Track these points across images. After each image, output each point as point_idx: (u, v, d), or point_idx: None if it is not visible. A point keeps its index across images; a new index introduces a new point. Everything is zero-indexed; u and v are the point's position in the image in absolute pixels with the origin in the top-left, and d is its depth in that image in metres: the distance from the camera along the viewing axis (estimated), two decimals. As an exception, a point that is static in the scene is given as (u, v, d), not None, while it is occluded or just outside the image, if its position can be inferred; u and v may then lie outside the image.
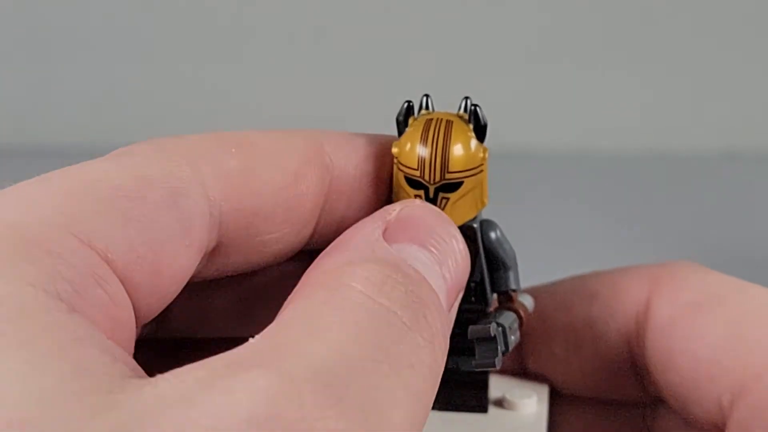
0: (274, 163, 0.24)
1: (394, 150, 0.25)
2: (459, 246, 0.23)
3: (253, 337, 0.19)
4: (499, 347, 0.24)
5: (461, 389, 0.25)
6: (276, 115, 0.95)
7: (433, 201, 0.24)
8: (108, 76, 0.96)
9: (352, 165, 0.26)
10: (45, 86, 0.96)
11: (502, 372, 0.27)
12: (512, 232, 0.80)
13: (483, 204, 0.25)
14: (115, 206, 0.20)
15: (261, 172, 0.23)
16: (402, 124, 0.26)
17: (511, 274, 0.26)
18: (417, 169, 0.24)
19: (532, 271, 0.69)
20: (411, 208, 0.23)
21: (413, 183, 0.24)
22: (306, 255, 0.25)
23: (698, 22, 0.95)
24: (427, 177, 0.24)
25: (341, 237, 0.22)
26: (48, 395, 0.16)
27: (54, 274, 0.18)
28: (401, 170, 0.25)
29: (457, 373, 0.24)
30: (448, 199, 0.24)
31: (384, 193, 0.26)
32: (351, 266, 0.20)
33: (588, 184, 0.87)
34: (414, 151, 0.25)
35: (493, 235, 0.26)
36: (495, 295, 0.27)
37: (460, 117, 0.26)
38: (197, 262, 0.22)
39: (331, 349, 0.18)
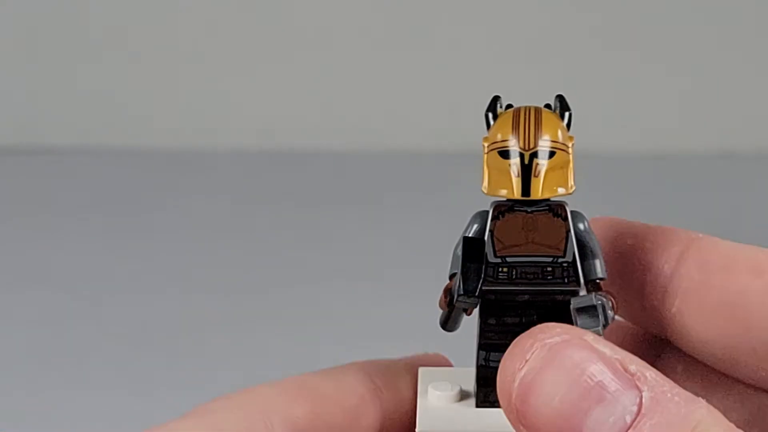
0: (336, 405, 0.25)
1: (485, 142, 0.25)
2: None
3: None
4: (600, 317, 0.24)
5: None
6: (277, 115, 0.95)
7: (528, 167, 0.25)
8: (108, 76, 0.96)
9: (400, 391, 0.27)
10: (45, 86, 0.96)
11: None
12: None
13: (572, 188, 0.26)
14: None
15: (325, 416, 0.25)
16: (490, 117, 0.27)
17: (599, 263, 0.26)
18: (510, 140, 0.25)
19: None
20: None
21: (506, 154, 0.25)
22: None
23: (698, 22, 0.95)
24: (522, 144, 0.25)
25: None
26: None
27: None
28: (494, 149, 0.25)
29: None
30: (542, 164, 0.25)
31: None
32: None
33: (588, 184, 0.87)
34: (507, 130, 0.25)
35: (581, 225, 0.26)
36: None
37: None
38: None
39: None
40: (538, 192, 0.25)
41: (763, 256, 0.27)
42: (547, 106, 0.27)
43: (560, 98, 0.27)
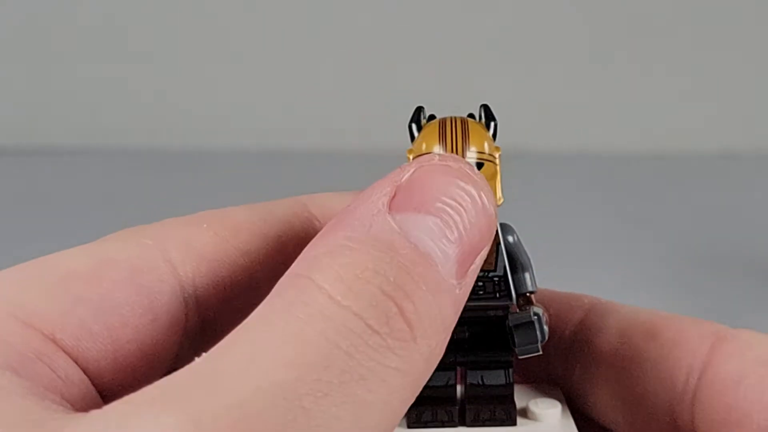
0: (253, 232, 0.23)
1: (409, 154, 0.24)
2: (478, 201, 0.21)
3: (199, 356, 0.18)
4: (537, 332, 0.24)
5: (488, 404, 0.25)
6: (276, 115, 0.95)
7: None
8: (108, 76, 0.96)
9: (323, 215, 0.26)
10: (45, 86, 0.96)
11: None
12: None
13: (500, 200, 0.24)
14: (67, 287, 0.21)
15: (237, 243, 0.23)
16: (414, 128, 0.25)
17: (529, 276, 0.25)
18: (438, 151, 0.24)
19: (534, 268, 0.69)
20: (425, 168, 0.21)
21: None
22: None
23: (698, 23, 0.95)
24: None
25: (348, 206, 0.21)
26: None
27: None
28: None
29: (483, 387, 0.24)
30: None
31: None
32: (331, 257, 0.19)
33: (588, 184, 0.88)
34: (433, 142, 0.24)
35: (511, 238, 0.26)
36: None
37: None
38: (175, 339, 0.22)
39: (258, 381, 0.17)
40: None
41: (659, 320, 0.26)
42: (471, 115, 0.25)
43: (485, 108, 0.25)
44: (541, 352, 0.23)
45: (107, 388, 0.21)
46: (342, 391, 0.17)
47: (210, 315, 0.23)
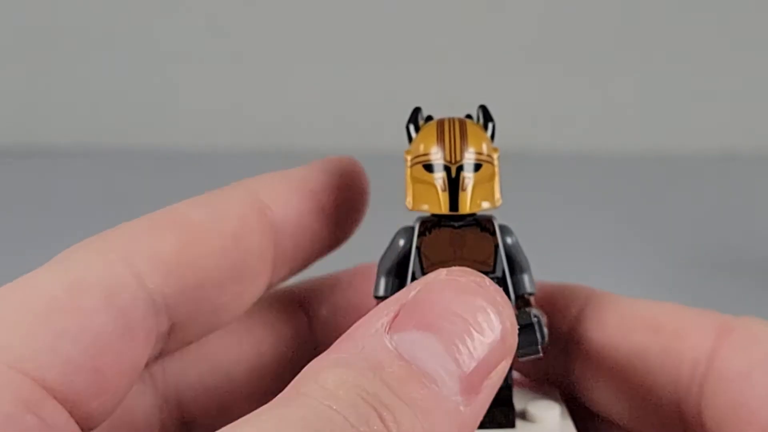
0: (210, 232, 0.24)
1: (407, 156, 0.25)
2: (490, 314, 0.21)
3: None
4: (538, 335, 0.24)
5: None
6: (276, 115, 0.95)
7: (455, 180, 0.24)
8: (108, 76, 0.96)
9: (291, 206, 0.26)
10: (45, 86, 0.96)
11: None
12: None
13: (498, 201, 0.25)
14: (48, 322, 0.21)
15: (197, 246, 0.23)
16: (412, 129, 0.25)
17: (527, 277, 0.26)
18: (437, 153, 0.24)
19: (531, 268, 0.69)
20: (431, 284, 0.21)
21: (431, 167, 0.24)
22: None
23: (698, 22, 0.95)
24: (448, 157, 0.24)
25: (352, 327, 0.21)
26: None
27: None
28: (418, 162, 0.24)
29: None
30: (469, 178, 0.24)
31: (331, 222, 0.26)
32: (324, 372, 0.20)
33: (588, 184, 0.87)
34: (431, 143, 0.24)
35: (509, 239, 0.26)
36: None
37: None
38: (148, 351, 0.23)
39: None
40: (466, 206, 0.24)
41: (661, 312, 0.26)
42: (468, 116, 0.25)
43: (483, 108, 0.25)
44: (541, 355, 0.24)
45: (90, 414, 0.21)
46: None
47: (179, 318, 0.23)
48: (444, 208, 0.24)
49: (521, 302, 0.25)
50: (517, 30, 0.95)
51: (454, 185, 0.24)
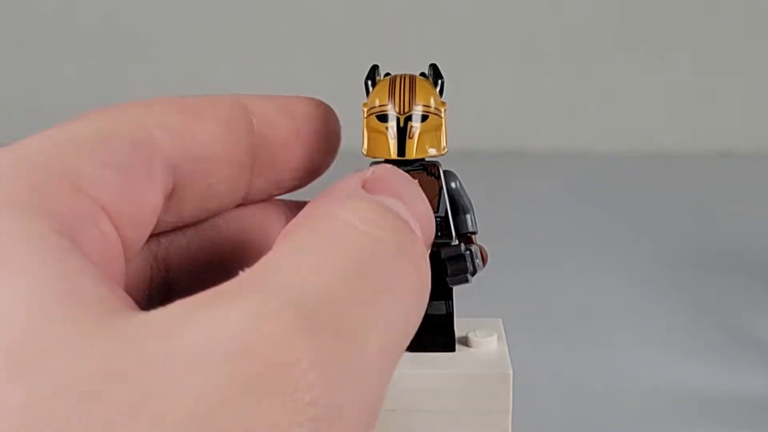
0: (208, 116, 0.27)
1: (364, 107, 0.28)
2: (426, 206, 0.25)
3: (243, 270, 0.20)
4: (468, 264, 0.27)
5: (430, 331, 0.28)
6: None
7: (403, 129, 0.27)
8: (108, 75, 0.96)
9: (274, 123, 0.29)
10: (45, 86, 0.97)
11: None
12: (512, 231, 0.80)
13: (444, 149, 0.28)
14: (92, 154, 0.23)
15: (197, 124, 0.26)
16: (369, 85, 0.29)
17: (470, 217, 0.28)
18: (387, 104, 0.27)
19: (532, 269, 0.69)
20: (384, 169, 0.25)
21: (384, 117, 0.28)
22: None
23: (698, 22, 0.95)
24: (397, 108, 0.27)
25: (323, 191, 0.24)
26: (47, 318, 0.18)
27: (58, 215, 0.20)
28: (372, 114, 0.28)
29: (425, 317, 0.25)
30: (416, 127, 0.27)
31: (307, 151, 0.30)
32: (339, 202, 0.22)
33: (587, 184, 0.88)
34: (384, 96, 0.28)
35: (453, 184, 0.28)
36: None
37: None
38: (162, 200, 0.25)
39: (312, 281, 0.20)
40: (412, 152, 0.27)
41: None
42: (423, 74, 0.29)
43: (434, 67, 0.29)
44: (470, 282, 0.27)
45: (127, 242, 0.23)
46: (374, 300, 0.20)
47: (178, 183, 0.26)
48: (393, 154, 0.27)
49: (464, 240, 0.28)
50: (518, 29, 0.95)
51: (402, 133, 0.27)
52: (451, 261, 0.27)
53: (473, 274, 0.27)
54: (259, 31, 0.96)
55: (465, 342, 0.29)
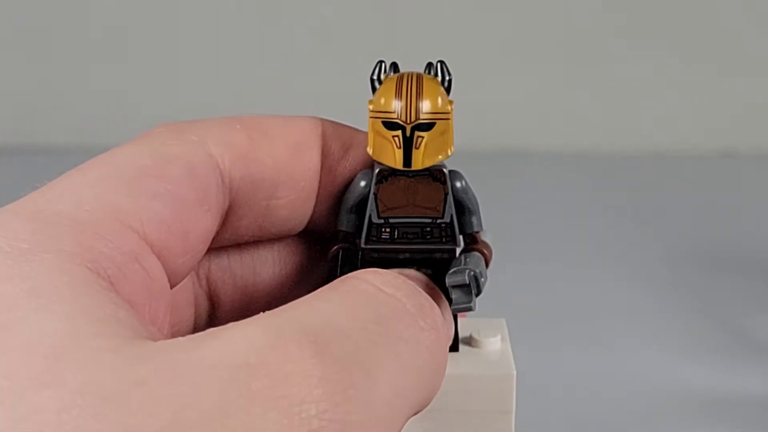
0: (276, 137, 0.27)
1: (370, 105, 0.27)
2: (445, 318, 0.25)
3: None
4: (473, 291, 0.26)
5: None
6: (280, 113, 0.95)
7: (409, 139, 0.26)
8: (109, 75, 0.96)
9: (342, 147, 0.28)
10: (45, 86, 0.97)
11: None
12: (512, 231, 0.80)
13: (451, 151, 0.27)
14: (143, 185, 0.23)
15: (263, 144, 0.26)
16: (376, 82, 0.28)
17: (475, 218, 0.28)
18: (393, 112, 0.26)
19: (534, 269, 0.69)
20: (408, 270, 0.26)
21: (391, 125, 0.26)
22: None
23: (698, 22, 0.95)
24: (403, 117, 0.26)
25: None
26: (80, 335, 0.19)
27: (98, 259, 0.21)
28: (378, 118, 0.27)
29: None
30: (422, 138, 0.26)
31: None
32: (364, 272, 0.23)
33: (588, 184, 0.88)
34: (390, 98, 0.27)
35: (459, 184, 0.28)
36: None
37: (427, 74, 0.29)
38: (216, 223, 0.26)
39: (327, 318, 0.21)
40: (418, 163, 0.27)
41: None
42: (429, 64, 0.29)
43: (441, 64, 0.29)
44: (474, 309, 0.27)
45: (175, 271, 0.24)
46: (387, 343, 0.21)
47: (236, 203, 0.26)
48: (398, 165, 0.27)
49: (468, 239, 0.28)
50: (517, 29, 0.95)
51: (408, 144, 0.26)
52: (455, 290, 0.26)
53: (478, 294, 0.27)
54: (262, 31, 0.96)
55: (468, 342, 0.29)
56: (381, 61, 0.29)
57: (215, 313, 0.29)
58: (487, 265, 0.28)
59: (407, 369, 0.21)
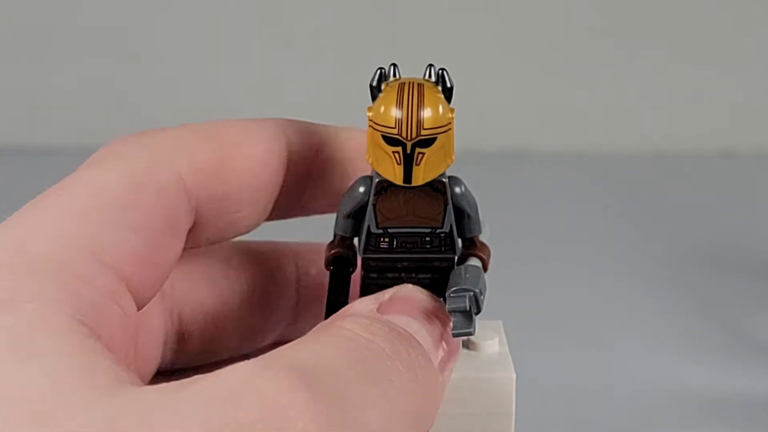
0: (242, 154, 0.27)
1: (369, 113, 0.26)
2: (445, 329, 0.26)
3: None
4: (473, 315, 0.26)
5: None
6: (275, 115, 0.95)
7: (410, 156, 0.26)
8: (109, 75, 0.96)
9: (311, 149, 0.28)
10: (45, 86, 0.96)
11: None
12: (512, 231, 0.80)
13: (451, 160, 0.27)
14: (117, 217, 0.23)
15: (229, 163, 0.26)
16: (375, 89, 0.27)
17: (474, 222, 0.28)
18: (394, 128, 0.26)
19: (531, 270, 0.69)
20: (405, 290, 0.26)
21: (391, 141, 0.26)
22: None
23: (698, 21, 0.95)
24: (404, 134, 0.26)
25: (341, 311, 0.25)
26: (66, 383, 0.19)
27: (81, 301, 0.21)
28: (378, 130, 0.26)
29: None
30: (423, 154, 0.26)
31: (339, 174, 0.29)
32: (343, 318, 0.24)
33: (588, 184, 0.88)
34: (390, 111, 0.26)
35: (458, 189, 0.27)
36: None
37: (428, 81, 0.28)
38: (183, 246, 0.26)
39: (315, 356, 0.21)
40: (419, 179, 0.26)
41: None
42: (431, 66, 0.28)
43: (443, 72, 0.28)
44: (474, 334, 0.26)
45: (144, 303, 0.24)
46: (373, 381, 0.22)
47: (200, 221, 0.26)
48: (398, 181, 0.26)
49: (467, 243, 0.28)
50: (517, 29, 0.95)
51: (408, 160, 0.26)
52: (456, 315, 0.26)
53: (478, 312, 0.27)
54: (260, 31, 0.96)
55: (466, 344, 0.29)
56: (380, 68, 0.28)
57: (184, 347, 0.29)
58: (485, 269, 0.28)
59: (393, 405, 0.22)
